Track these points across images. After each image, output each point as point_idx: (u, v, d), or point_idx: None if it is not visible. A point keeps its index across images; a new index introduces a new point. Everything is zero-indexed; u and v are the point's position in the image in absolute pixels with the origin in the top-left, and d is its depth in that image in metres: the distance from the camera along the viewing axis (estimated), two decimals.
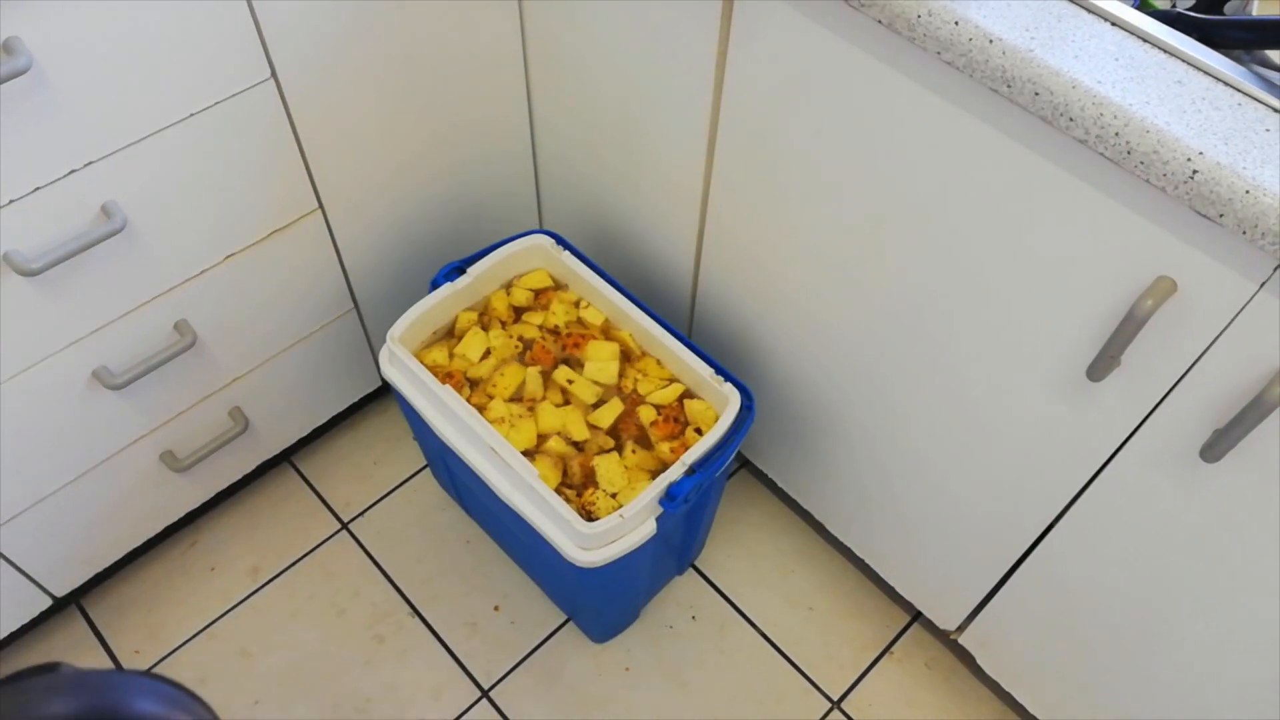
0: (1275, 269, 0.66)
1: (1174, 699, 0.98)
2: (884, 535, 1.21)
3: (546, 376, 1.15)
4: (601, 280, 1.18)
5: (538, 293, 1.22)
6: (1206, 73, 0.68)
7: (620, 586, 1.17)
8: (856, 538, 1.26)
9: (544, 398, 1.13)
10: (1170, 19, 0.72)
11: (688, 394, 1.14)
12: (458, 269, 1.17)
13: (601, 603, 1.20)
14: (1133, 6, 0.74)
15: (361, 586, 1.35)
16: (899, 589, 1.25)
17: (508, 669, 1.29)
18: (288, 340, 1.23)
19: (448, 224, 1.32)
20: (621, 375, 1.15)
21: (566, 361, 1.16)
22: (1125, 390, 0.80)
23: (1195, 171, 0.63)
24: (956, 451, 1.01)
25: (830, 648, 1.31)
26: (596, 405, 1.13)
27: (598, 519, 1.01)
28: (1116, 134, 0.65)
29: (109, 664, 1.27)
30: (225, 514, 1.40)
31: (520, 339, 1.17)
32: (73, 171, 0.89)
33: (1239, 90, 0.67)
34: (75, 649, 1.28)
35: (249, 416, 1.26)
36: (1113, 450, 0.85)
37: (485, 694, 1.27)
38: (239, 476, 1.34)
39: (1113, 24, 0.71)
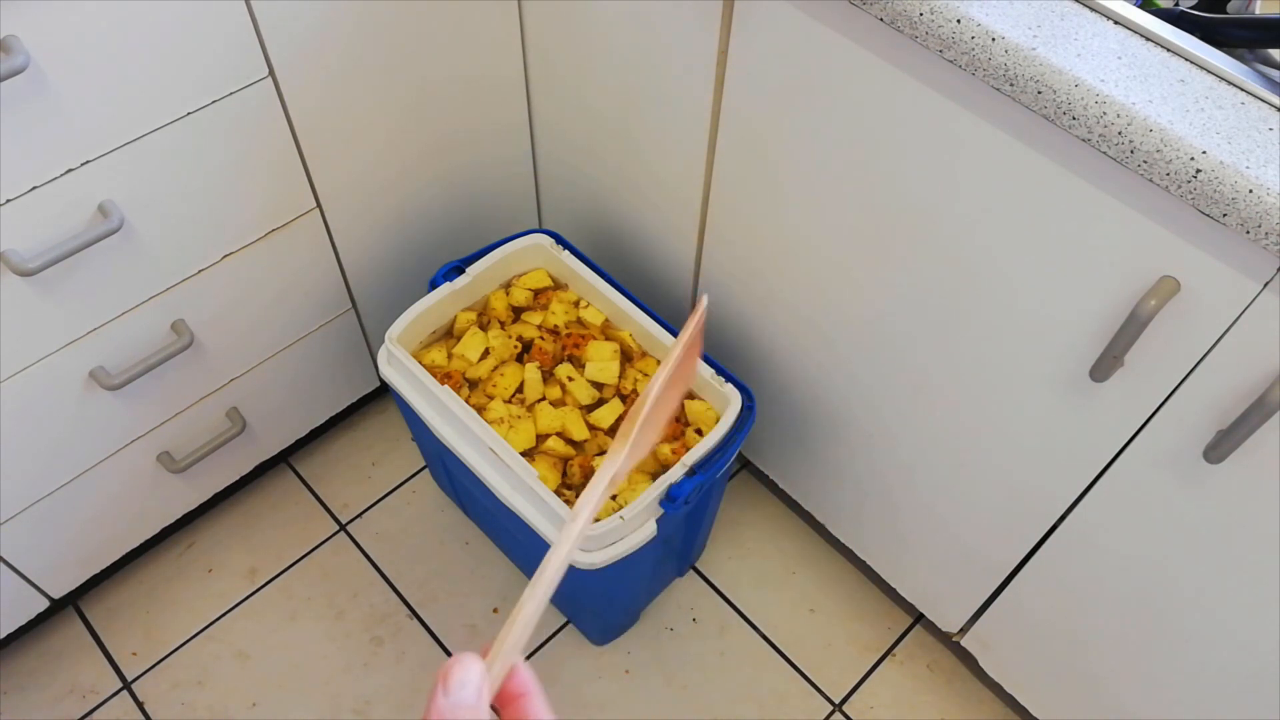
0: (1278, 269, 0.65)
1: (1177, 700, 0.97)
2: (886, 536, 1.20)
3: (546, 376, 1.14)
4: (601, 280, 1.17)
5: (537, 292, 1.21)
6: (1209, 71, 0.68)
7: (620, 588, 1.16)
8: (858, 539, 1.26)
9: (543, 397, 1.12)
10: (1173, 17, 0.72)
11: (688, 394, 1.13)
12: (456, 268, 1.17)
13: (601, 605, 1.19)
14: (1135, 5, 0.74)
15: (360, 588, 1.34)
16: (901, 591, 1.24)
17: None
18: (285, 340, 1.23)
19: (446, 223, 1.32)
20: (621, 375, 1.14)
21: (567, 361, 1.15)
22: (1128, 391, 0.79)
23: (1198, 171, 0.63)
24: (959, 453, 1.00)
25: (832, 650, 1.31)
26: (596, 405, 1.12)
27: (598, 520, 1.01)
28: (1119, 133, 0.65)
29: (107, 666, 1.27)
30: (223, 515, 1.40)
31: (519, 339, 1.17)
32: (70, 170, 0.88)
33: (1242, 89, 0.67)
34: (72, 651, 1.28)
35: (246, 417, 1.26)
36: (1116, 451, 0.84)
37: None
38: (236, 478, 1.34)
39: (1115, 22, 0.71)
